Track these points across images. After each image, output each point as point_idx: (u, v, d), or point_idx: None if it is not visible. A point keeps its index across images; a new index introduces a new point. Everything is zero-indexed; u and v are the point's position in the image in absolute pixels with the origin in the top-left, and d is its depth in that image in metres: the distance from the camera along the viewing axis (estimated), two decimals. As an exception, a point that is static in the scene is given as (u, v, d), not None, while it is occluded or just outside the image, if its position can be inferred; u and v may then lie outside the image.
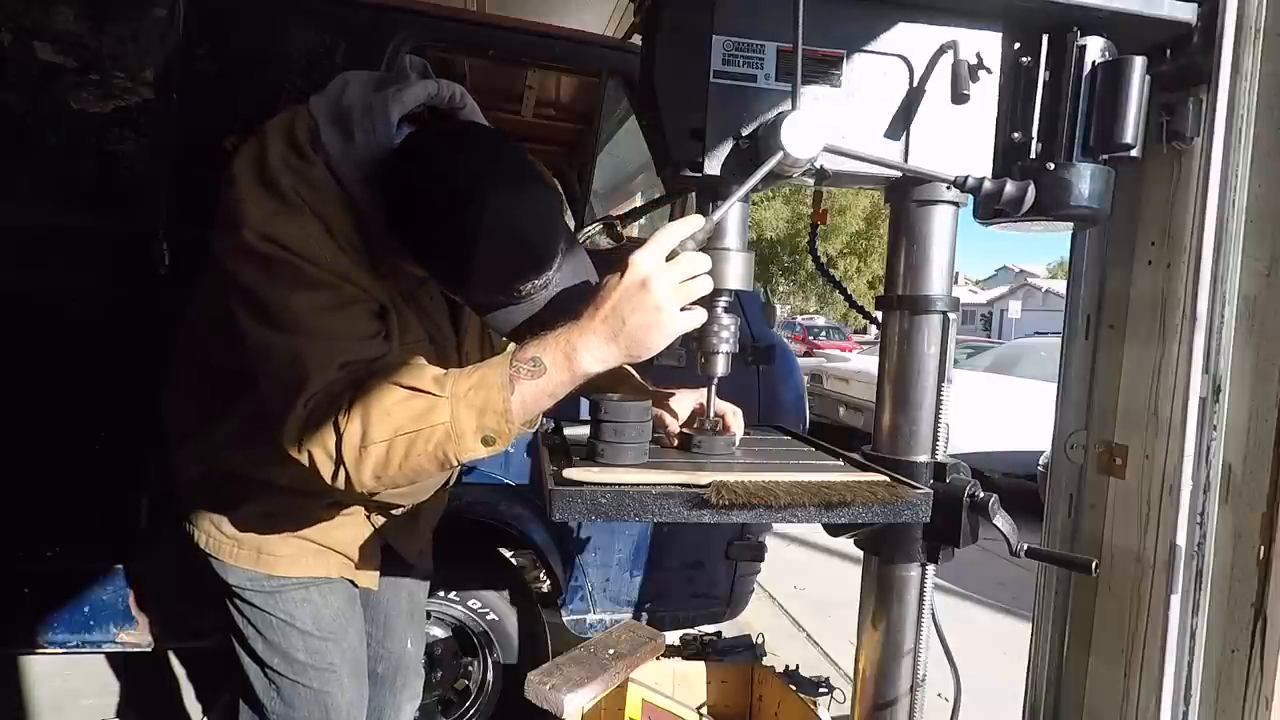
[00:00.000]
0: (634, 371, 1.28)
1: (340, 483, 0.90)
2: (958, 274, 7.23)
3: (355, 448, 0.87)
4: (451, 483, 1.38)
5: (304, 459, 0.90)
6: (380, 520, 1.24)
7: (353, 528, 1.20)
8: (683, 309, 0.88)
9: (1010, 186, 1.02)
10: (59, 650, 1.92)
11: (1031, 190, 1.02)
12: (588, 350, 0.86)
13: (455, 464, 0.88)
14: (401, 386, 0.89)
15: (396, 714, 1.48)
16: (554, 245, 0.99)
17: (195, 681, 2.54)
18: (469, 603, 2.10)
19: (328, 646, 1.21)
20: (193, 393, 1.17)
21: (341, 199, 0.98)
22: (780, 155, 0.91)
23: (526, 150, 1.03)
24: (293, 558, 1.16)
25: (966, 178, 1.01)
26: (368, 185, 0.99)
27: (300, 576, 1.17)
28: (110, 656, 2.34)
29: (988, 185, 1.02)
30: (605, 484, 0.83)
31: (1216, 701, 1.12)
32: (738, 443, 1.08)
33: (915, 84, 1.03)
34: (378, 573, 1.28)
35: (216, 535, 1.16)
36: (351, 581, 1.25)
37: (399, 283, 1.05)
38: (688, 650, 2.04)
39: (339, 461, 0.88)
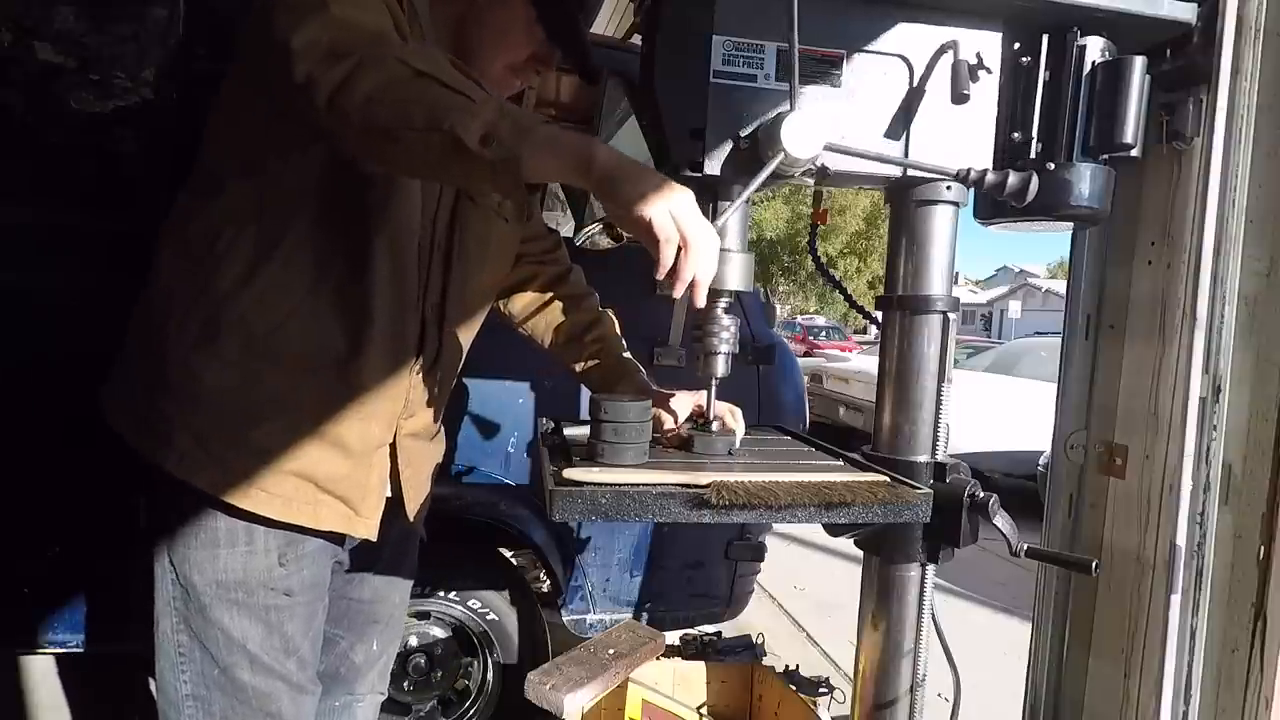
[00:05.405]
0: (639, 367, 1.28)
1: (330, 78, 0.79)
2: (958, 274, 7.23)
3: (378, 59, 0.80)
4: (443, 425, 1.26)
5: (308, 54, 0.81)
6: (382, 459, 1.12)
7: (354, 459, 1.08)
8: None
9: (1013, 178, 1.02)
10: (59, 650, 1.92)
11: (1035, 181, 1.02)
12: (599, 144, 0.82)
13: (442, 131, 0.77)
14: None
15: (348, 712, 1.36)
16: None
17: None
18: (469, 603, 2.09)
19: (273, 679, 1.08)
20: (187, 269, 1.07)
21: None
22: (781, 156, 0.91)
23: None
24: (287, 499, 1.02)
25: (968, 170, 1.02)
26: None
27: (292, 523, 1.03)
28: (111, 656, 2.34)
29: (990, 178, 1.02)
30: (605, 484, 0.83)
31: (1216, 701, 1.12)
32: (738, 443, 1.08)
33: (915, 84, 1.03)
34: (377, 521, 1.13)
35: (195, 455, 0.98)
36: (339, 544, 1.12)
37: None
38: (688, 650, 2.04)
39: (353, 56, 0.79)
